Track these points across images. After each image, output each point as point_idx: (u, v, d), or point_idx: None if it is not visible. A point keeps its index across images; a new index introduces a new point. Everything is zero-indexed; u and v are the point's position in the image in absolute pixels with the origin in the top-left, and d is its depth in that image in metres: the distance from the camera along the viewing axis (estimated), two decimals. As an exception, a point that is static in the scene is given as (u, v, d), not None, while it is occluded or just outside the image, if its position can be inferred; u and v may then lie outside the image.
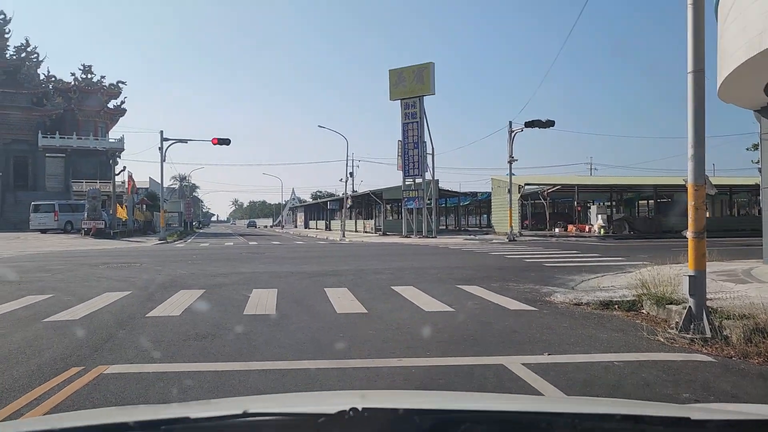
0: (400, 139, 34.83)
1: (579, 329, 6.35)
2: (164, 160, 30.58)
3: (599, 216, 34.32)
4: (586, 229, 34.93)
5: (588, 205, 42.51)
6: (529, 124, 25.56)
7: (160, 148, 30.36)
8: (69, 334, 6.10)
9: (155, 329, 6.40)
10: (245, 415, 0.97)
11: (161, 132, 30.45)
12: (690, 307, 5.89)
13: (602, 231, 31.84)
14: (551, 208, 41.76)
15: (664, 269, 9.21)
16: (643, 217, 40.01)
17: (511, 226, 28.24)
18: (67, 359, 4.97)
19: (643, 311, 7.45)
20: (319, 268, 13.82)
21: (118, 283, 10.78)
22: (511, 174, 28.61)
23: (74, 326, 6.55)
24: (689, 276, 5.96)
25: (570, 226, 36.39)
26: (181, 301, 8.50)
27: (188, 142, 31.35)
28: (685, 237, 6.19)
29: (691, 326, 5.77)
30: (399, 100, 34.43)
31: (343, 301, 8.56)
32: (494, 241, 27.62)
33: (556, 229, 36.85)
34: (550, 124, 25.18)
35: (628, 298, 7.97)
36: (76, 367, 4.70)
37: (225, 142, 30.40)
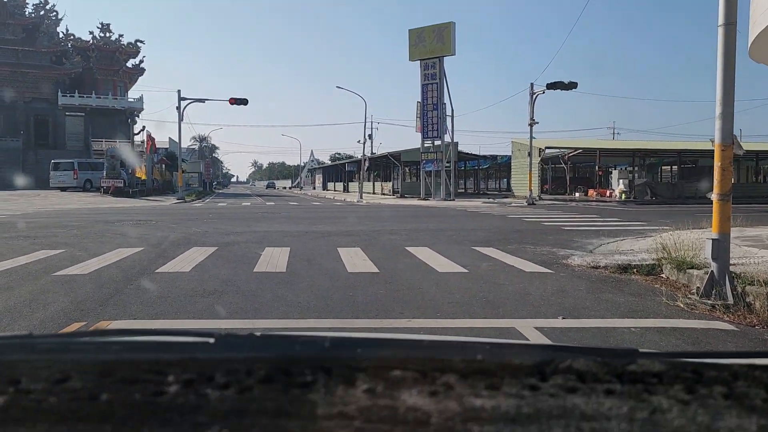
0: (419, 100, 34.30)
1: (596, 293, 6.15)
2: (182, 120, 30.53)
3: (621, 181, 33.73)
4: (607, 193, 34.38)
5: (609, 170, 41.77)
6: (551, 86, 24.90)
7: (178, 108, 30.26)
8: (76, 289, 6.05)
9: (163, 285, 6.33)
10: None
11: (179, 91, 30.34)
12: (712, 271, 5.65)
13: (623, 196, 31.31)
14: (572, 173, 41.12)
15: (685, 234, 8.92)
16: (665, 182, 39.32)
17: (531, 190, 27.85)
18: (71, 314, 4.91)
19: (663, 276, 7.22)
20: (334, 228, 13.71)
21: (132, 240, 10.77)
22: (531, 137, 28.06)
23: (83, 281, 6.51)
24: (712, 239, 5.71)
25: (590, 191, 35.84)
26: (192, 258, 8.44)
27: (206, 101, 31.17)
28: (710, 199, 5.92)
29: (713, 292, 5.54)
30: (418, 61, 33.76)
31: (355, 260, 8.43)
32: (513, 204, 27.29)
33: (576, 194, 36.32)
34: (572, 85, 24.51)
35: (648, 262, 7.72)
36: (78, 322, 4.63)
37: (242, 102, 30.17)
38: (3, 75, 49.61)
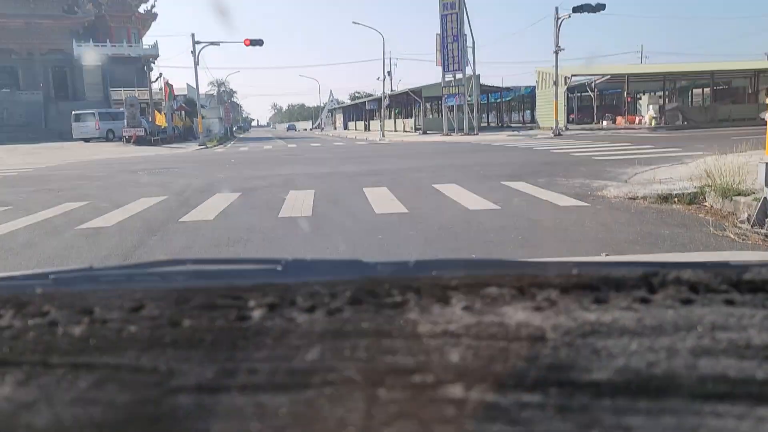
0: (439, 32, 33.14)
1: (637, 225, 5.84)
2: (197, 64, 30.00)
3: (650, 106, 32.68)
4: (636, 120, 33.36)
5: (638, 96, 40.40)
6: (578, 9, 23.69)
7: (193, 52, 29.69)
8: (99, 242, 5.92)
9: (187, 235, 6.17)
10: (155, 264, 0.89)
11: (192, 35, 29.70)
12: (765, 198, 5.29)
13: (653, 122, 30.33)
14: (599, 101, 39.83)
15: (727, 159, 8.44)
16: (697, 106, 37.92)
17: (557, 120, 27.07)
18: (94, 268, 4.77)
19: (706, 204, 6.84)
20: (358, 168, 13.43)
21: (155, 189, 10.64)
22: (557, 65, 27.05)
23: (106, 233, 6.38)
24: (766, 163, 5.32)
25: (619, 119, 34.80)
26: (216, 205, 8.28)
27: (220, 44, 30.57)
28: (746, 121, 5.48)
29: (767, 220, 5.19)
30: (437, -10, 32.43)
31: (382, 200, 8.19)
32: (539, 136, 26.61)
33: (604, 122, 35.32)
34: (600, 7, 23.28)
35: (689, 191, 7.33)
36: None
37: (257, 42, 29.44)
38: (17, 27, 49.12)
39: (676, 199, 7.13)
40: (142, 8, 53.69)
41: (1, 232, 6.63)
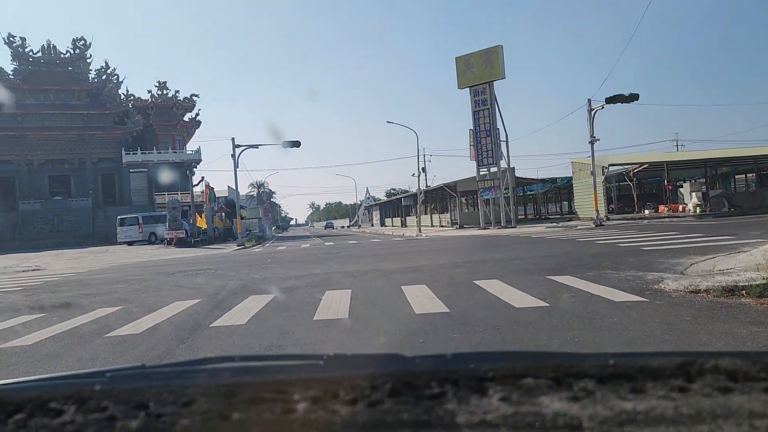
0: (472, 128, 33.64)
1: (707, 323, 5.27)
2: (237, 167, 30.87)
3: (693, 194, 31.97)
4: (680, 208, 32.59)
5: (678, 183, 39.70)
6: (611, 100, 23.76)
7: (233, 155, 30.63)
8: (126, 351, 5.62)
9: (217, 342, 5.84)
10: (204, 361, 0.94)
11: (233, 139, 30.76)
12: None
13: (698, 209, 29.54)
14: (637, 189, 39.27)
15: (792, 246, 7.87)
16: (743, 192, 36.97)
17: (597, 210, 26.54)
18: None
19: (780, 297, 6.23)
20: (396, 266, 13.09)
21: (190, 291, 10.45)
22: (593, 154, 26.87)
23: (134, 341, 6.09)
24: None
25: (661, 207, 34.09)
26: (249, 308, 7.98)
27: (259, 147, 31.42)
28: None
29: None
30: (468, 88, 33.20)
31: (421, 299, 7.78)
32: (579, 227, 26.05)
33: (646, 211, 34.60)
34: (633, 98, 23.32)
35: (758, 282, 6.74)
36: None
37: (295, 144, 30.33)
38: (71, 138, 52.06)
39: (744, 292, 6.53)
40: (187, 116, 56.48)
41: (28, 342, 6.42)
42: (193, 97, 56.15)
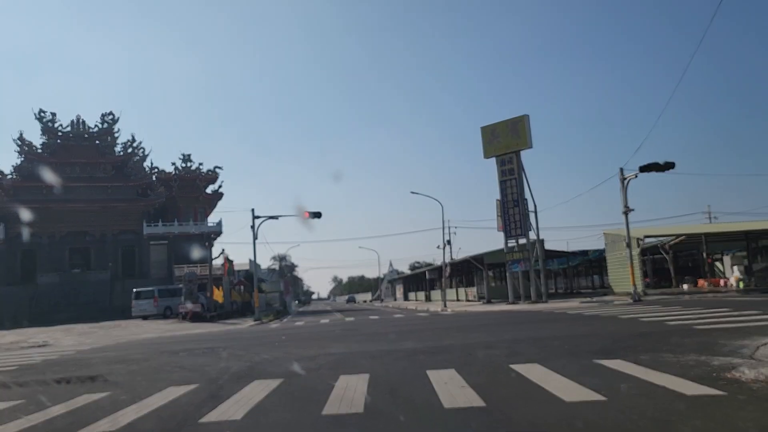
0: (499, 198, 32.73)
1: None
2: (256, 238, 30.20)
3: (735, 267, 30.30)
4: (721, 283, 30.85)
5: (715, 257, 37.94)
6: (645, 169, 22.69)
7: (252, 227, 30.03)
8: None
9: (198, 446, 4.71)
10: None
11: (252, 210, 30.27)
12: None
13: (741, 284, 27.81)
14: (673, 263, 37.54)
15: None
16: (787, 265, 35.02)
17: (634, 284, 24.99)
18: None
19: None
20: (420, 345, 11.85)
21: (189, 374, 9.33)
22: (627, 225, 25.61)
23: (101, 443, 4.99)
24: None
25: (700, 281, 32.36)
26: (249, 397, 6.86)
27: (279, 218, 30.87)
28: None
29: None
30: (494, 158, 32.56)
31: (451, 388, 6.60)
32: (615, 302, 24.48)
33: (684, 286, 32.85)
34: (669, 166, 22.25)
35: None
36: None
37: (316, 215, 29.70)
38: (94, 211, 52.37)
39: None
40: (209, 189, 56.71)
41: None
42: (217, 170, 56.59)
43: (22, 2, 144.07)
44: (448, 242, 38.39)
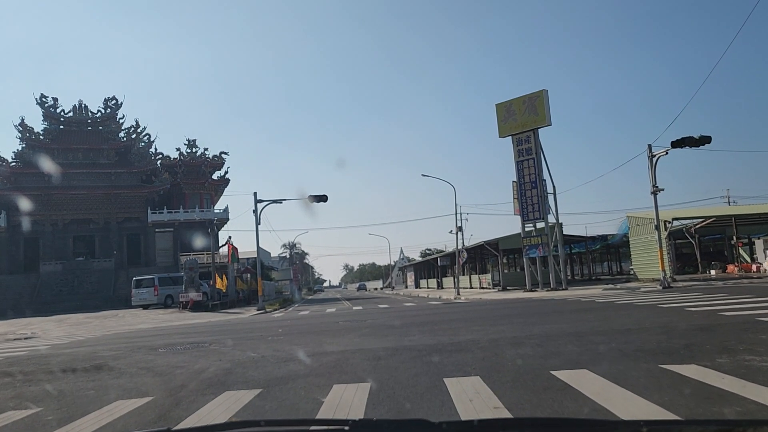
0: (515, 179, 30.81)
1: None
2: (259, 223, 28.49)
3: (767, 251, 28.27)
4: (753, 268, 28.82)
5: (747, 240, 35.81)
6: (678, 144, 20.65)
7: (254, 211, 28.33)
8: None
9: None
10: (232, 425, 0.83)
11: (255, 194, 28.53)
12: None
13: (778, 269, 25.79)
14: (699, 247, 35.49)
15: None
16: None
17: (664, 270, 23.05)
18: None
19: None
20: (433, 340, 10.06)
21: (151, 380, 7.62)
22: (656, 206, 23.62)
23: None
24: None
25: (730, 267, 30.35)
26: (212, 416, 5.18)
27: (282, 201, 29.13)
28: None
29: None
30: (510, 137, 30.60)
31: (477, 405, 4.90)
32: (643, 289, 22.59)
33: (712, 271, 30.90)
34: (705, 140, 20.18)
35: None
36: None
37: (321, 199, 27.95)
38: (98, 198, 50.94)
39: None
40: (215, 175, 55.10)
41: None
42: (222, 155, 54.89)
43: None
44: (460, 229, 36.44)
